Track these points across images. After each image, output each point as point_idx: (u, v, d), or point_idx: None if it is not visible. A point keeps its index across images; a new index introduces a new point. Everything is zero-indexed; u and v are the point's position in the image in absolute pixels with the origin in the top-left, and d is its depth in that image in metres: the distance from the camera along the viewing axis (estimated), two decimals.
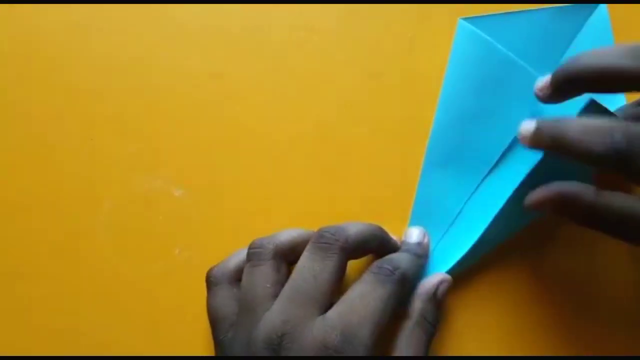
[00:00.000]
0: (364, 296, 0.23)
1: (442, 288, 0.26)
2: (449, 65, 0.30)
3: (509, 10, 0.30)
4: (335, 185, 0.30)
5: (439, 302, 0.26)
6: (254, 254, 0.26)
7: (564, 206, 0.23)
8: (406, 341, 0.24)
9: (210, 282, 0.27)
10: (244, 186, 0.30)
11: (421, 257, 0.27)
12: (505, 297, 0.29)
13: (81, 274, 0.30)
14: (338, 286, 0.24)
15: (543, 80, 0.25)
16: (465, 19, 0.30)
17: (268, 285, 0.25)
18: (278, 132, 0.31)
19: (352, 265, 0.28)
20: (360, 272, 0.26)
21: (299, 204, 0.30)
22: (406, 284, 0.25)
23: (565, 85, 0.23)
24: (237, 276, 0.27)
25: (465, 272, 0.28)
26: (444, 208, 0.29)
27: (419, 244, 0.27)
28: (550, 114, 0.28)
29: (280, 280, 0.25)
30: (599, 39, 0.30)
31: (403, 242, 0.28)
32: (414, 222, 0.29)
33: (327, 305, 0.24)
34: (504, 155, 0.29)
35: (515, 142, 0.29)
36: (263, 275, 0.25)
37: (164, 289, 0.29)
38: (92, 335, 0.29)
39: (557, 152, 0.22)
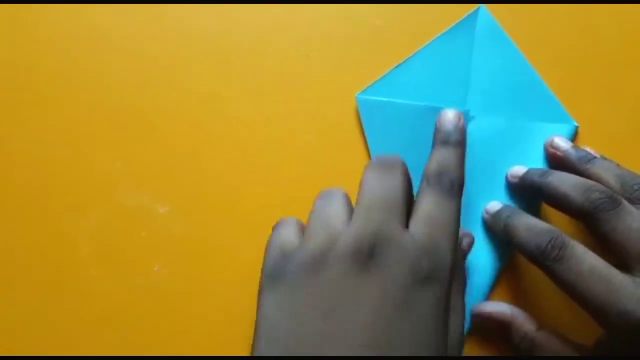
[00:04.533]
0: (439, 211, 0.23)
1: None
2: (368, 141, 0.31)
3: (398, 63, 0.32)
4: None
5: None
6: (325, 190, 0.25)
7: (502, 329, 0.28)
8: None
9: (279, 221, 0.26)
10: (230, 207, 0.31)
11: (461, 143, 0.26)
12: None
13: (60, 282, 0.30)
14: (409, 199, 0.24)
15: (517, 171, 0.30)
16: (361, 93, 0.32)
17: (344, 211, 0.24)
18: (269, 154, 0.32)
19: None
20: None
21: None
22: (459, 197, 0.25)
23: (529, 188, 0.29)
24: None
25: None
26: None
27: (456, 128, 0.27)
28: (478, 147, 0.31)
29: (352, 211, 0.24)
30: (494, 40, 0.32)
31: (439, 129, 0.27)
32: None
33: (405, 215, 0.23)
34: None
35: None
36: (337, 204, 0.24)
37: (140, 304, 0.29)
38: (67, 344, 0.29)
39: (504, 237, 0.28)
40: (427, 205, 0.24)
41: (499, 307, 0.28)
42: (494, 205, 0.29)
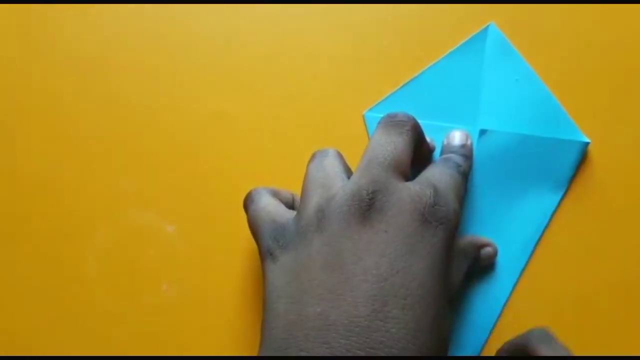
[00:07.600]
0: (442, 175, 0.24)
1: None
2: None
3: (407, 80, 0.32)
4: None
5: None
6: (318, 151, 0.26)
7: None
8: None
9: (250, 194, 0.26)
10: (238, 226, 0.30)
11: (468, 159, 0.28)
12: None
13: (67, 301, 0.30)
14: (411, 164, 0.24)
15: None
16: (369, 111, 0.32)
17: (339, 169, 0.24)
18: (277, 173, 0.32)
19: None
20: None
21: None
22: (466, 182, 0.26)
23: None
24: (276, 195, 0.26)
25: None
26: None
27: (463, 146, 0.28)
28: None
29: (347, 170, 0.25)
30: (504, 56, 0.31)
31: (446, 146, 0.28)
32: None
33: (407, 177, 0.23)
34: None
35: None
36: (331, 162, 0.24)
37: (148, 323, 0.30)
38: None
39: None
40: (430, 170, 0.24)
41: None
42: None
